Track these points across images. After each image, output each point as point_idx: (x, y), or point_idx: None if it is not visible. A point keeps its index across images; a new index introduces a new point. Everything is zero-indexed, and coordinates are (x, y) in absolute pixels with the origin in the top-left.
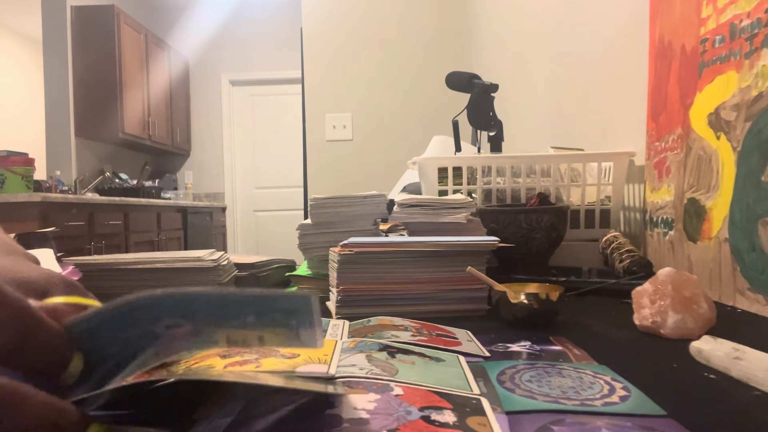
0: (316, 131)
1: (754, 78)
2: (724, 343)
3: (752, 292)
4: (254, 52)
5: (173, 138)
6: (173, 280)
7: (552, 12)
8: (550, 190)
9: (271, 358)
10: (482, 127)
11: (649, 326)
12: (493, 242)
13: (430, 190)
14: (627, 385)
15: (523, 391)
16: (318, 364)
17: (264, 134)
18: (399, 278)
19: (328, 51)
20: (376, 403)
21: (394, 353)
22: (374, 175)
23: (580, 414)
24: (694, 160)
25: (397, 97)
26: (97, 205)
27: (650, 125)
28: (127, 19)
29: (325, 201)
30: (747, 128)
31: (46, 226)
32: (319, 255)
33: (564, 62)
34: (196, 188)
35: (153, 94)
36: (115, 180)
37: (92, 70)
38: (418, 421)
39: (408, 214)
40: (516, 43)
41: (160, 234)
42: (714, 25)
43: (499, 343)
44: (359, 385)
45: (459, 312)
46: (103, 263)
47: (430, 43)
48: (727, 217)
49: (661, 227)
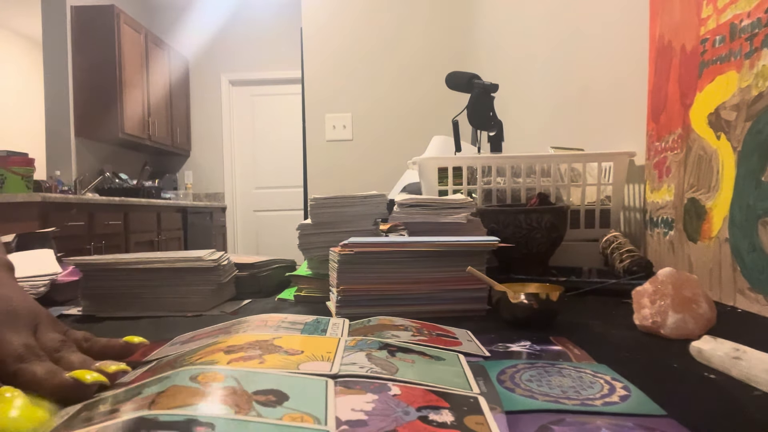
0: (316, 131)
1: (754, 78)
2: (724, 343)
3: (752, 292)
4: (254, 52)
5: (173, 138)
6: (173, 280)
7: (552, 12)
8: (550, 190)
9: (275, 355)
10: (482, 127)
11: (649, 326)
12: (493, 242)
13: (430, 190)
14: (627, 385)
15: (523, 390)
16: (321, 362)
17: (264, 134)
18: (399, 278)
19: (328, 51)
20: (374, 404)
21: (394, 352)
22: (374, 175)
23: (580, 414)
24: (694, 160)
25: (397, 97)
26: (97, 205)
27: (650, 125)
28: (127, 19)
29: (325, 201)
30: (747, 128)
31: (46, 226)
32: (319, 255)
33: (564, 62)
34: (196, 188)
35: (153, 94)
36: (115, 180)
37: (92, 70)
38: (415, 422)
39: (408, 214)
40: (516, 43)
41: (160, 234)
42: (714, 25)
43: (499, 343)
44: (357, 385)
45: (459, 312)
46: (103, 263)
47: (430, 43)
48: (727, 217)
49: (661, 227)
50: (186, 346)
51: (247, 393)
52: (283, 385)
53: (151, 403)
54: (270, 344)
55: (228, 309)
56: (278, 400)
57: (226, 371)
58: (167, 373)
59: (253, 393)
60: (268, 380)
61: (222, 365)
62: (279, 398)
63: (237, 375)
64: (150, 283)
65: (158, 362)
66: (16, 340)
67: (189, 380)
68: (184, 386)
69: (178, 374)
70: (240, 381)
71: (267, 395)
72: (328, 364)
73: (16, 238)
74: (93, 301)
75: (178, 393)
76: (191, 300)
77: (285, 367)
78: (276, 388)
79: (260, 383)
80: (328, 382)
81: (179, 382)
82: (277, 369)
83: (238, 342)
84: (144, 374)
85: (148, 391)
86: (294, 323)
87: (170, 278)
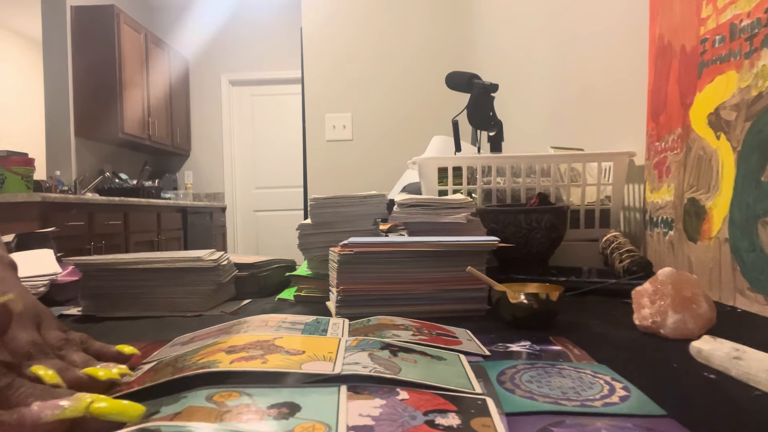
0: (316, 131)
1: (754, 78)
2: (724, 343)
3: (752, 292)
4: (254, 52)
5: (173, 138)
6: (173, 280)
7: (552, 12)
8: (550, 190)
9: (276, 355)
10: (482, 127)
11: (649, 326)
12: (493, 242)
13: (430, 190)
14: (627, 385)
15: (523, 391)
16: (323, 362)
17: (264, 134)
18: (399, 278)
19: (328, 51)
20: (381, 409)
21: (396, 352)
22: (374, 175)
23: (580, 415)
24: (694, 160)
25: (397, 97)
26: (97, 205)
27: (650, 125)
28: (127, 19)
29: (325, 201)
30: (747, 128)
31: (45, 226)
32: (319, 255)
33: (564, 62)
34: (196, 188)
35: (153, 94)
36: (115, 180)
37: (92, 70)
38: (422, 426)
39: (408, 214)
40: (516, 43)
41: (160, 234)
42: (714, 25)
43: (499, 343)
44: (365, 390)
45: (459, 312)
46: (103, 263)
47: (430, 43)
48: (727, 217)
49: (661, 227)
50: (186, 346)
51: (261, 409)
52: (296, 396)
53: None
54: (271, 344)
55: (228, 309)
56: (291, 412)
57: (240, 389)
58: (184, 393)
59: (266, 408)
60: (282, 394)
61: (225, 365)
62: (291, 410)
63: (251, 392)
64: (150, 283)
65: (159, 362)
66: (24, 336)
67: (205, 400)
68: (200, 406)
69: (195, 394)
70: (253, 397)
71: (280, 408)
72: (330, 363)
73: (15, 238)
74: (93, 301)
75: (195, 413)
76: (191, 300)
77: (288, 366)
78: (289, 400)
79: (274, 397)
80: (341, 389)
81: (196, 403)
82: (280, 368)
83: (239, 342)
84: (144, 375)
85: (165, 410)
86: (294, 323)
87: (170, 278)
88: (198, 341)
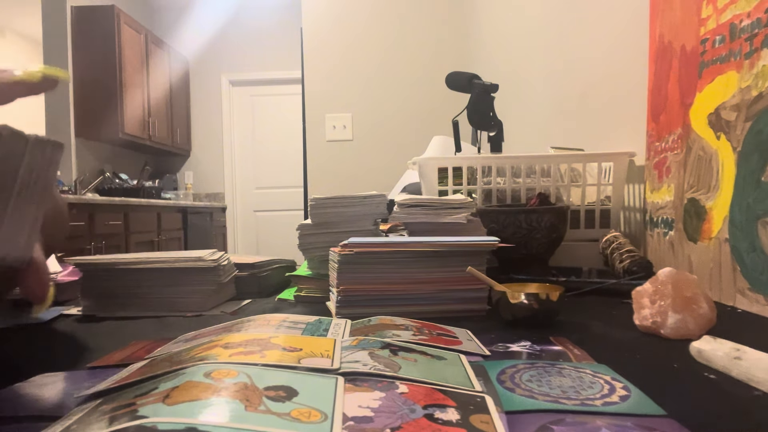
0: (316, 131)
1: (754, 78)
2: (724, 343)
3: (752, 292)
4: (254, 52)
5: (173, 138)
6: (173, 280)
7: (552, 12)
8: (550, 190)
9: (274, 351)
10: (482, 127)
11: (649, 326)
12: (493, 242)
13: (430, 190)
14: (627, 385)
15: (523, 390)
16: (321, 358)
17: (264, 134)
18: (399, 278)
19: (328, 51)
20: (381, 401)
21: (397, 351)
22: (374, 175)
23: (580, 414)
24: (694, 160)
25: (397, 97)
26: (97, 205)
27: (650, 125)
28: (127, 19)
29: (325, 201)
30: (747, 128)
31: None
32: (319, 255)
33: (564, 62)
34: (196, 188)
35: (153, 95)
36: (115, 180)
37: (92, 70)
38: (421, 419)
39: (408, 214)
40: (516, 43)
41: (160, 234)
42: (714, 25)
43: (499, 343)
44: (365, 383)
45: (459, 312)
46: (103, 263)
47: (430, 43)
48: (727, 217)
49: (661, 227)
50: (189, 343)
51: (258, 389)
52: (294, 382)
53: (165, 397)
54: (268, 342)
55: (228, 309)
56: (288, 396)
57: (239, 368)
58: (183, 369)
59: (264, 389)
60: (280, 377)
61: (223, 359)
62: (289, 394)
63: (249, 371)
64: (150, 283)
65: (157, 357)
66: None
67: (203, 376)
68: (198, 381)
69: (193, 370)
70: (252, 377)
71: (277, 391)
72: (329, 360)
73: None
74: (93, 301)
75: (193, 388)
76: (191, 300)
77: (286, 361)
78: (287, 384)
79: (271, 380)
80: (338, 380)
81: (194, 378)
82: (279, 362)
83: (236, 340)
84: (142, 369)
85: (163, 386)
86: (295, 323)
87: (170, 278)
88: (201, 339)
